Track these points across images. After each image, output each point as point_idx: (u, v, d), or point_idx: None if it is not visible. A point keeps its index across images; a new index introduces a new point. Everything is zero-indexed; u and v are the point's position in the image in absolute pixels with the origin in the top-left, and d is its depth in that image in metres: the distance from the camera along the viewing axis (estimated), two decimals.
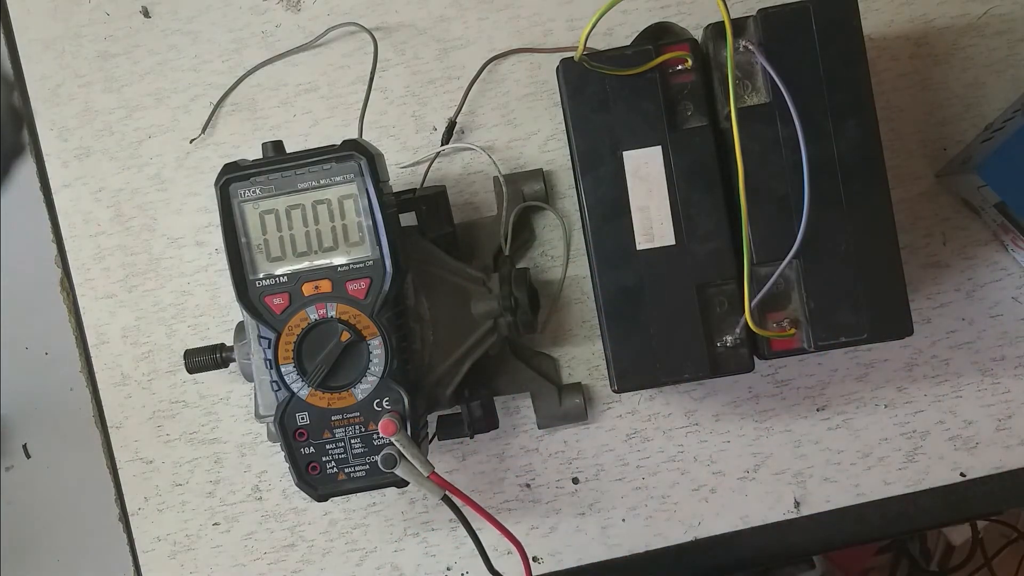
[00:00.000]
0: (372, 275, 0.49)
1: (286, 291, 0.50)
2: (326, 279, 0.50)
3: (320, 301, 0.49)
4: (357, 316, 0.49)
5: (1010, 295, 0.62)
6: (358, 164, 0.49)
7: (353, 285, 0.50)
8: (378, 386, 0.50)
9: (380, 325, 0.50)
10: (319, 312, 0.49)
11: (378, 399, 0.50)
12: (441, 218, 0.57)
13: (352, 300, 0.49)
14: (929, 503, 0.63)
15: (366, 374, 0.50)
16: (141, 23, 0.66)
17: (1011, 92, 0.62)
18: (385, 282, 0.49)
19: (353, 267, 0.50)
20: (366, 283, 0.50)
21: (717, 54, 0.52)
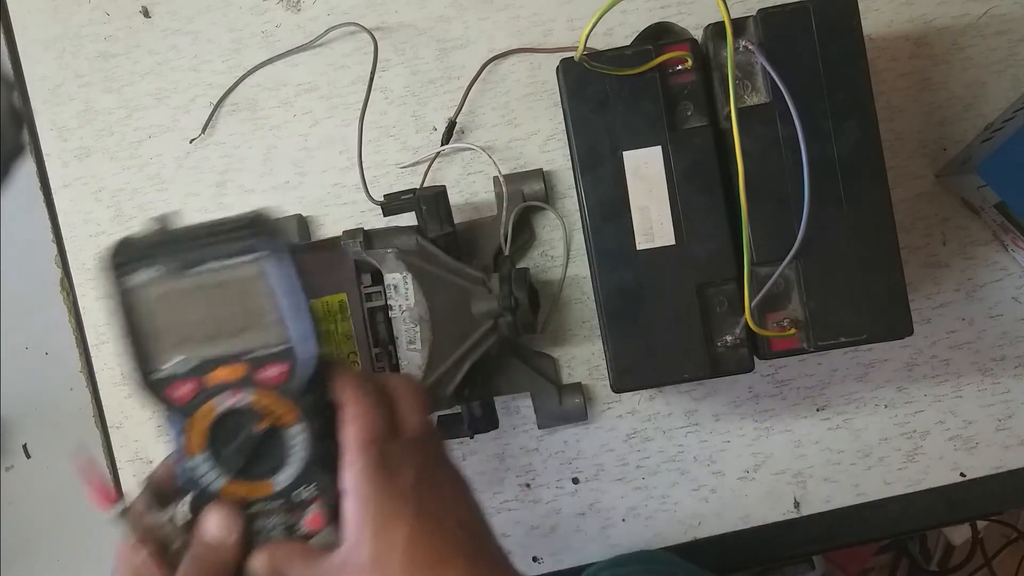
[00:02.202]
0: (290, 357, 0.44)
1: (194, 378, 0.44)
2: (238, 364, 0.44)
3: (232, 388, 0.44)
4: (275, 402, 0.44)
5: (1010, 295, 0.62)
6: (269, 238, 0.44)
7: (267, 370, 0.44)
8: (301, 474, 0.45)
9: (301, 410, 0.45)
10: (232, 400, 0.44)
11: (299, 488, 0.45)
12: (441, 218, 0.57)
13: (269, 385, 0.44)
14: (929, 503, 0.63)
15: (286, 462, 0.45)
16: (141, 23, 0.66)
17: (1011, 92, 0.62)
18: (304, 365, 0.44)
19: (269, 350, 0.44)
20: (284, 366, 0.44)
21: (717, 54, 0.52)
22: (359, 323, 0.55)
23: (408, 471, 0.43)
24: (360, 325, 0.55)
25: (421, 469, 0.43)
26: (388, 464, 0.42)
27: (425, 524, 0.42)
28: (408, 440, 0.43)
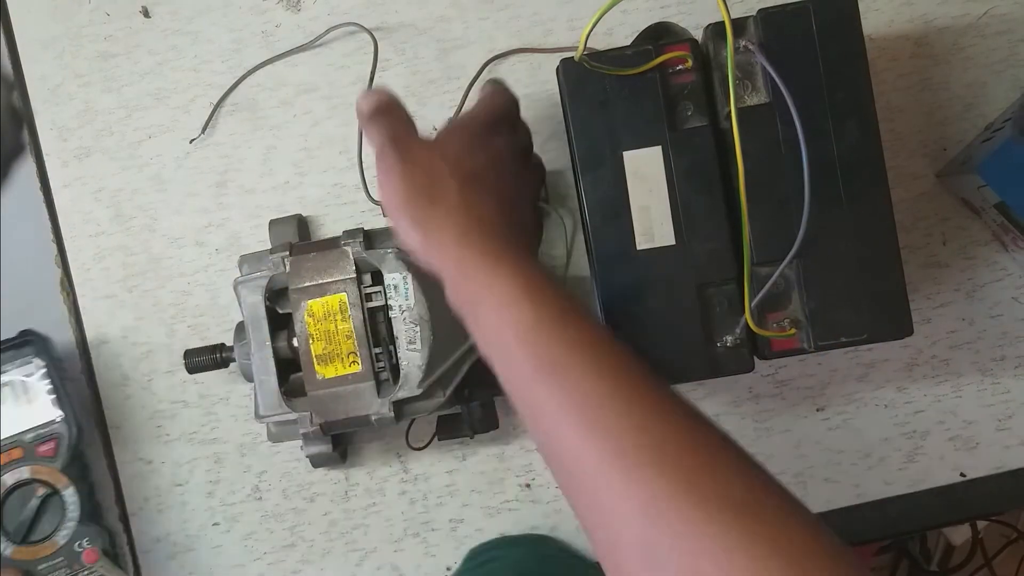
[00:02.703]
0: (58, 435, 0.59)
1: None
2: (17, 447, 0.58)
3: (13, 467, 0.58)
4: (50, 472, 0.58)
5: (1010, 295, 0.62)
6: (34, 346, 0.59)
7: (43, 446, 0.58)
8: (76, 529, 0.58)
9: (71, 476, 0.58)
10: (15, 476, 0.57)
11: (78, 540, 0.58)
12: None
13: (43, 459, 0.58)
14: (929, 503, 0.63)
15: (64, 521, 0.58)
16: (141, 23, 0.66)
17: (1011, 92, 0.62)
18: (71, 439, 0.59)
19: (40, 432, 0.59)
20: (54, 443, 0.58)
21: (717, 54, 0.52)
22: (359, 323, 0.55)
23: (499, 140, 0.51)
24: (360, 325, 0.55)
25: (505, 145, 0.51)
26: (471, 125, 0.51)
27: (493, 167, 0.49)
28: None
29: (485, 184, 0.47)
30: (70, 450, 0.59)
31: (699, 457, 0.36)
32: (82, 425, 0.60)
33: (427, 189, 0.46)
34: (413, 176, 0.47)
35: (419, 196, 0.46)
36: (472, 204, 0.46)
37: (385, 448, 0.64)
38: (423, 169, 0.47)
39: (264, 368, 0.56)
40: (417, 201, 0.46)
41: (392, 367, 0.55)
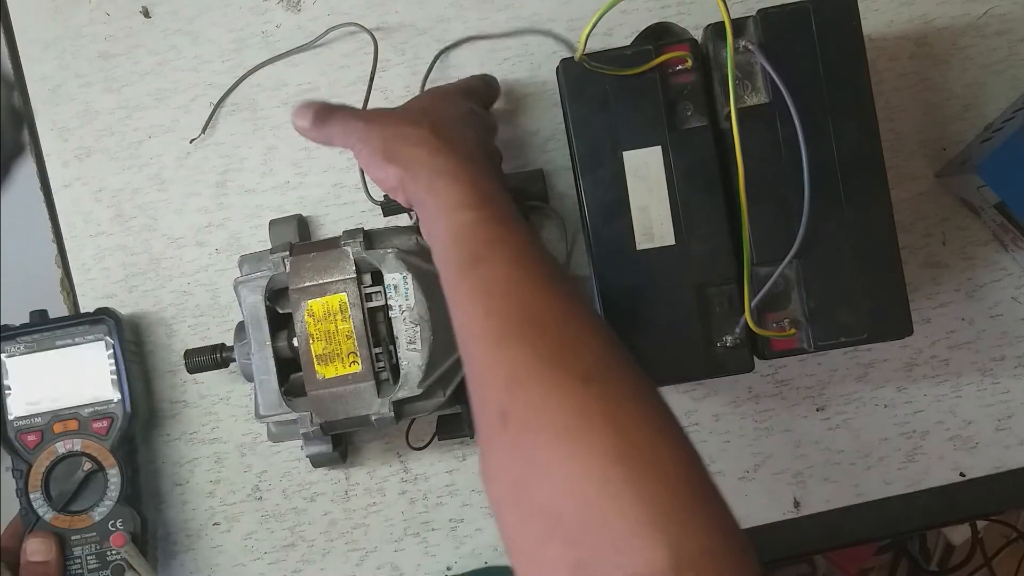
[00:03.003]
0: (113, 415, 0.60)
1: (39, 429, 0.60)
2: (74, 419, 0.60)
3: (67, 438, 0.59)
4: (99, 450, 0.60)
5: (1010, 295, 0.62)
6: (107, 325, 0.60)
7: (97, 423, 0.60)
8: (113, 509, 0.60)
9: (118, 457, 0.60)
10: (66, 447, 0.59)
11: (113, 520, 0.60)
12: None
13: (95, 435, 0.60)
14: (929, 503, 0.63)
15: (103, 499, 0.60)
16: (141, 23, 0.66)
17: (1011, 92, 0.62)
18: (123, 421, 0.60)
19: (97, 408, 0.60)
20: (107, 421, 0.60)
21: (717, 54, 0.52)
22: (359, 323, 0.55)
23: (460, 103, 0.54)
24: (360, 325, 0.55)
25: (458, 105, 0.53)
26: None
27: (451, 120, 0.50)
28: None
29: (454, 129, 0.49)
30: (121, 431, 0.60)
31: (567, 331, 0.39)
32: (138, 410, 0.61)
33: (399, 134, 0.48)
34: (383, 129, 0.48)
35: (392, 140, 0.48)
36: (442, 137, 0.48)
37: (385, 448, 0.64)
38: (392, 121, 0.49)
39: (264, 368, 0.56)
40: (390, 144, 0.48)
41: (392, 367, 0.55)
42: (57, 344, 0.60)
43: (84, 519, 0.59)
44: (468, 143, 0.49)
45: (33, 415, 0.60)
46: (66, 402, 0.60)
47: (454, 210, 0.44)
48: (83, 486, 0.59)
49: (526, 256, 0.42)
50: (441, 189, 0.45)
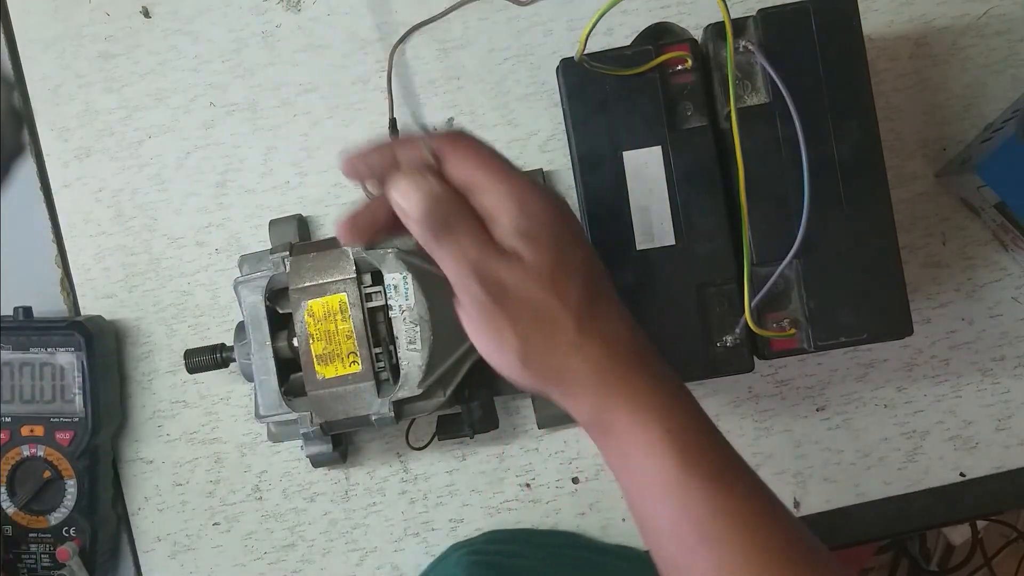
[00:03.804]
0: (76, 429, 0.61)
1: (8, 429, 0.61)
2: (40, 425, 0.61)
3: (32, 442, 0.61)
4: (60, 459, 0.61)
5: (1010, 295, 0.62)
6: (79, 339, 0.61)
7: (60, 434, 0.61)
8: (68, 517, 0.61)
9: (76, 469, 0.61)
10: (30, 451, 0.61)
11: (68, 527, 0.61)
12: None
13: (58, 446, 0.61)
14: (929, 503, 0.63)
15: (60, 506, 0.61)
16: (141, 23, 0.66)
17: (1011, 92, 0.62)
18: (85, 436, 0.60)
19: (63, 419, 0.61)
20: (71, 434, 0.61)
21: (717, 54, 0.52)
22: (359, 323, 0.55)
23: (564, 206, 0.42)
24: (360, 325, 0.55)
25: (562, 204, 0.42)
26: (552, 194, 0.42)
27: (592, 257, 0.42)
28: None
29: (599, 296, 0.41)
30: (83, 445, 0.61)
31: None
32: (101, 427, 0.61)
33: (540, 334, 0.39)
34: (516, 323, 0.39)
35: (534, 349, 0.40)
36: (595, 333, 0.40)
37: (385, 448, 0.64)
38: (527, 309, 0.39)
39: (264, 368, 0.56)
40: (534, 356, 0.40)
41: (392, 367, 0.55)
42: (33, 347, 0.61)
43: (41, 520, 0.61)
44: (620, 311, 0.42)
45: (5, 414, 0.61)
46: (36, 407, 0.61)
47: (650, 454, 0.39)
48: (43, 489, 0.61)
49: (766, 532, 0.38)
50: (624, 431, 0.39)
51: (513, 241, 0.39)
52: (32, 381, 0.61)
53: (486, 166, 0.40)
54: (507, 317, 0.39)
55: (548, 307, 0.39)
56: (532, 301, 0.39)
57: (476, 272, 0.39)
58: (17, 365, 0.61)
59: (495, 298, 0.39)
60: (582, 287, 0.40)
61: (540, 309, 0.39)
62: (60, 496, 0.61)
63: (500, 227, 0.39)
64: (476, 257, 0.39)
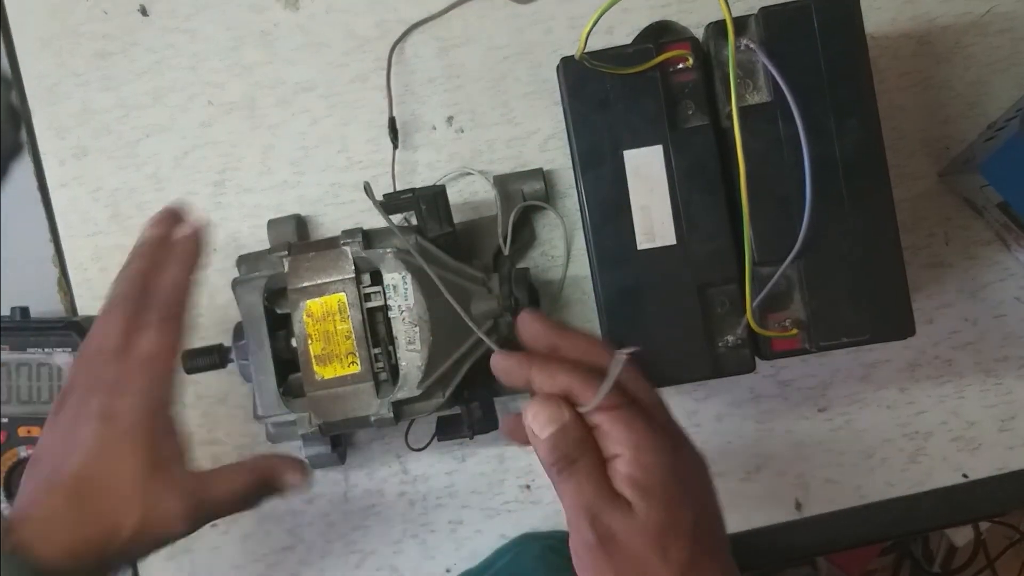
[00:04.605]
0: None
1: (6, 430, 0.61)
2: (38, 426, 0.60)
3: (30, 443, 0.60)
4: None
5: (1013, 295, 0.62)
6: (76, 340, 0.60)
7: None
8: None
9: None
10: (27, 451, 0.60)
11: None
12: (440, 217, 0.56)
13: None
14: (932, 504, 0.62)
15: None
16: (139, 21, 0.65)
17: (1014, 91, 0.62)
18: None
19: None
20: None
21: (718, 53, 0.52)
22: (358, 323, 0.54)
23: (685, 458, 0.44)
24: (359, 325, 0.54)
25: (689, 455, 0.44)
26: (673, 446, 0.43)
27: (703, 515, 0.42)
28: (669, 423, 0.44)
29: (704, 557, 0.41)
30: None
31: None
32: None
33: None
34: (618, 574, 0.41)
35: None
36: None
37: (384, 449, 0.64)
38: (630, 561, 0.41)
39: (262, 369, 0.56)
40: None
41: (391, 367, 0.55)
42: (30, 347, 0.61)
43: None
44: (725, 554, 0.43)
45: (2, 415, 0.61)
46: (33, 407, 0.61)
47: None
48: None
49: None
50: None
51: (627, 490, 0.41)
52: (29, 381, 0.61)
53: (611, 409, 0.42)
54: (611, 565, 0.41)
55: (651, 565, 0.40)
56: (637, 555, 0.40)
57: (589, 513, 0.41)
58: (14, 365, 0.61)
59: (603, 544, 0.41)
60: (687, 549, 0.40)
61: (643, 565, 0.40)
62: None
63: (617, 472, 0.41)
64: (591, 498, 0.41)
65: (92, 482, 0.44)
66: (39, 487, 0.44)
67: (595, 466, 0.42)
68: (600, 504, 0.41)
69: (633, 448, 0.41)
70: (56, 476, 0.44)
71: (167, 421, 0.47)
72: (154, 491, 0.45)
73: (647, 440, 0.41)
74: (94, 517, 0.43)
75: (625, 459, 0.41)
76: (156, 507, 0.45)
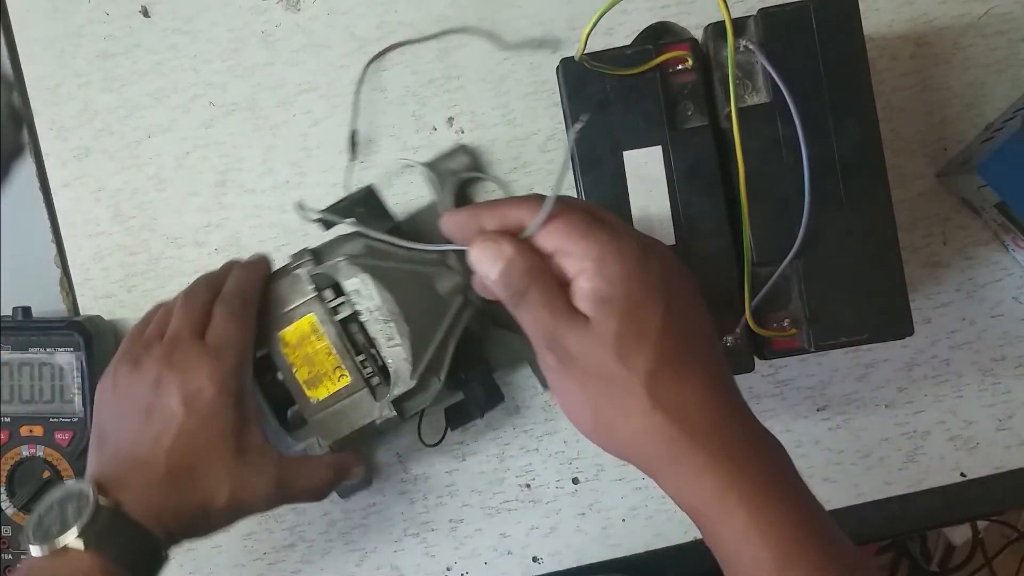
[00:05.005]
0: (76, 429, 0.60)
1: (7, 429, 0.61)
2: (40, 425, 0.61)
3: (32, 442, 0.61)
4: (59, 459, 0.61)
5: (1011, 295, 0.62)
6: (78, 339, 0.60)
7: (60, 434, 0.61)
8: None
9: (76, 469, 0.61)
10: (29, 451, 0.61)
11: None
12: (380, 214, 0.57)
13: (57, 446, 0.61)
14: (929, 503, 0.63)
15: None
16: (141, 23, 0.66)
17: (1012, 92, 0.62)
18: (85, 435, 0.60)
19: (62, 419, 0.61)
20: (70, 434, 0.61)
21: (717, 54, 0.52)
22: (334, 336, 0.54)
23: (655, 263, 0.40)
24: (336, 338, 0.54)
25: (661, 260, 0.41)
26: (641, 252, 0.39)
27: (676, 320, 0.39)
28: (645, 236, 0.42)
29: (678, 361, 0.39)
30: (83, 446, 0.60)
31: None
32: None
33: (609, 402, 0.38)
34: (584, 390, 0.39)
35: (604, 417, 0.39)
36: (668, 403, 0.38)
37: (385, 448, 0.64)
38: (593, 376, 0.38)
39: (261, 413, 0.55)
40: (605, 424, 0.39)
41: (380, 369, 0.55)
42: (32, 347, 0.61)
43: None
44: (709, 383, 0.40)
45: (4, 414, 0.61)
46: (35, 407, 0.61)
47: (751, 562, 0.37)
48: (43, 490, 0.61)
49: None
50: (714, 516, 0.38)
51: (585, 304, 0.39)
52: (31, 381, 0.61)
53: (570, 226, 0.39)
54: (576, 384, 0.39)
55: (615, 376, 0.38)
56: (597, 369, 0.38)
57: (546, 338, 0.39)
58: (16, 365, 0.61)
59: (563, 364, 0.39)
60: (653, 353, 0.38)
61: (607, 378, 0.38)
62: None
63: (577, 290, 0.39)
64: (547, 323, 0.39)
65: (185, 464, 0.47)
66: (127, 460, 0.48)
67: (548, 290, 0.39)
68: (555, 326, 0.38)
69: (596, 260, 0.38)
70: (149, 454, 0.47)
71: (245, 407, 0.50)
72: (242, 474, 0.48)
73: (611, 248, 0.38)
74: (190, 493, 0.47)
75: (587, 273, 0.38)
76: (244, 488, 0.48)
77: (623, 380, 0.38)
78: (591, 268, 0.38)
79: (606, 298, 0.38)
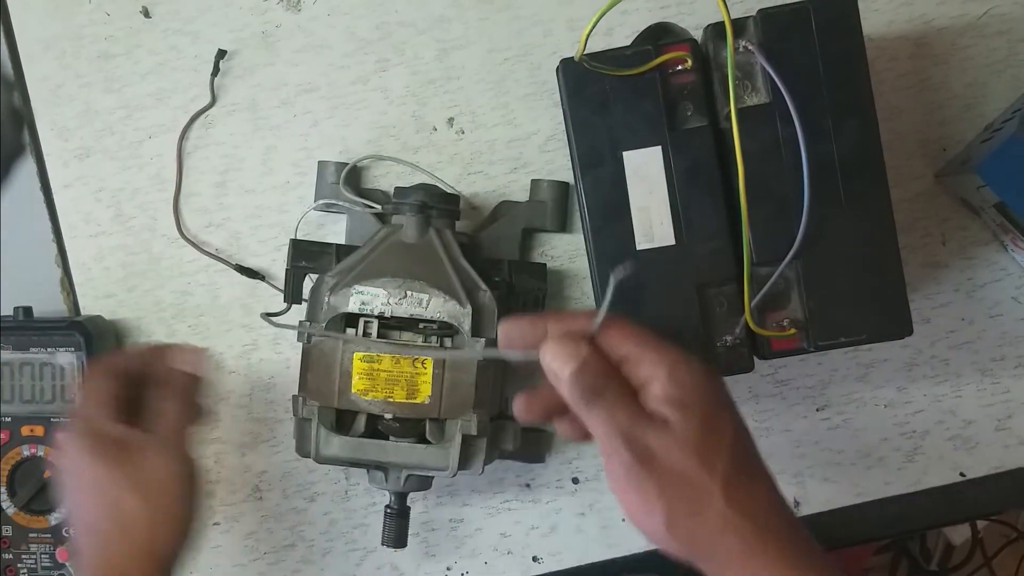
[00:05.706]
0: None
1: (8, 429, 0.61)
2: (41, 425, 0.61)
3: (32, 442, 0.61)
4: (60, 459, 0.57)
5: (1010, 295, 0.62)
6: (79, 339, 0.60)
7: (61, 433, 0.57)
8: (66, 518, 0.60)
9: None
10: (30, 451, 0.61)
11: (67, 528, 0.61)
12: (316, 253, 0.58)
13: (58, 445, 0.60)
14: (929, 503, 0.63)
15: (59, 507, 0.60)
16: (141, 23, 0.66)
17: (1010, 92, 0.62)
18: None
19: (63, 419, 0.61)
20: None
21: (717, 54, 0.52)
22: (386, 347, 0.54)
23: (718, 377, 0.43)
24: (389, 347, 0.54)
25: (722, 380, 0.44)
26: (704, 365, 0.42)
27: (743, 435, 0.42)
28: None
29: (746, 467, 0.41)
30: None
31: None
32: None
33: (686, 503, 0.39)
34: (662, 489, 0.39)
35: (680, 517, 0.40)
36: (745, 508, 0.39)
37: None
38: (673, 475, 0.40)
39: None
40: (679, 524, 0.40)
41: (440, 328, 0.55)
42: (33, 347, 0.61)
43: (42, 520, 0.61)
44: (771, 490, 0.42)
45: (5, 414, 0.61)
46: (36, 407, 0.61)
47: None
48: (43, 489, 0.61)
49: None
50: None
51: (662, 408, 0.40)
52: (32, 381, 0.61)
53: (637, 337, 0.42)
54: (653, 482, 0.40)
55: (695, 476, 0.39)
56: (679, 468, 0.39)
57: (624, 436, 0.40)
58: (17, 365, 0.61)
59: (642, 463, 0.40)
60: (730, 457, 0.40)
61: (687, 477, 0.39)
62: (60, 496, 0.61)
63: (651, 395, 0.41)
64: (625, 422, 0.40)
65: (156, 539, 0.48)
66: (119, 549, 0.48)
67: (624, 393, 0.41)
68: (634, 425, 0.40)
69: (668, 366, 0.41)
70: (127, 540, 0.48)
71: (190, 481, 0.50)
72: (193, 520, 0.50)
73: (681, 359, 0.41)
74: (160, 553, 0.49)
75: (660, 379, 0.40)
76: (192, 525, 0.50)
77: (703, 481, 0.39)
78: (664, 375, 0.40)
79: (685, 403, 0.40)
